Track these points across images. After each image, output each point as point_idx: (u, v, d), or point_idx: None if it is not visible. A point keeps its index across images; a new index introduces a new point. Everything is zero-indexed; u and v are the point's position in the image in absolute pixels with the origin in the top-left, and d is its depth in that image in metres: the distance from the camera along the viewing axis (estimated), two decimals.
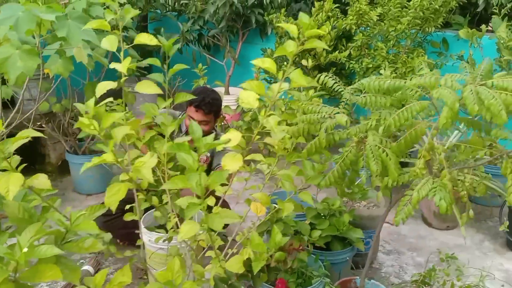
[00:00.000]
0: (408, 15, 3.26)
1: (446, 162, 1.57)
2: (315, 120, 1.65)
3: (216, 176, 1.26)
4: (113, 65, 1.61)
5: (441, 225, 3.14)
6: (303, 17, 1.41)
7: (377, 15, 3.48)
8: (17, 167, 1.36)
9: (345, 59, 3.69)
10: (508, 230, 2.51)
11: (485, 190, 1.65)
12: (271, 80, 4.10)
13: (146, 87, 1.68)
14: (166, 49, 1.72)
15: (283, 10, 4.06)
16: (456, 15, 3.82)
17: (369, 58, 3.55)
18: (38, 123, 3.40)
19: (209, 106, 2.63)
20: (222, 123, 3.87)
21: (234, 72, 4.69)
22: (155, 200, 1.73)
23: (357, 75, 3.67)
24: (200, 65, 3.63)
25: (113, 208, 1.34)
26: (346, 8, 3.77)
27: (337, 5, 3.88)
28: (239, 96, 1.52)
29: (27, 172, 1.39)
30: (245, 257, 1.47)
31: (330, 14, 3.87)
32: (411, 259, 2.82)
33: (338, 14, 3.81)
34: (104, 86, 1.61)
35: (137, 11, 1.70)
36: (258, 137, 1.54)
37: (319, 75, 1.88)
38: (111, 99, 1.67)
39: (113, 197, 1.35)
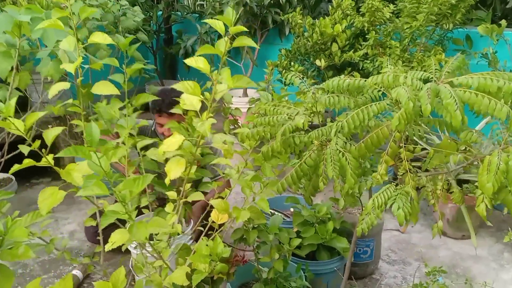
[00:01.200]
0: (423, 10, 3.06)
1: (412, 167, 1.43)
2: (274, 122, 1.55)
3: None
4: (63, 66, 1.58)
5: (456, 234, 2.92)
6: (227, 13, 1.31)
7: (390, 12, 3.29)
8: None
9: (358, 58, 3.52)
10: None
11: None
12: (284, 82, 3.99)
13: (103, 88, 1.63)
14: (122, 48, 1.67)
15: (298, 9, 3.94)
16: (480, 10, 3.56)
17: (383, 57, 3.36)
18: (50, 126, 3.48)
19: (171, 107, 2.54)
20: (234, 126, 3.81)
21: (252, 74, 4.61)
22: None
23: (372, 75, 3.49)
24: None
25: (44, 213, 1.30)
26: (360, 5, 3.61)
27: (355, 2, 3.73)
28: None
29: (42, 174, 1.39)
30: (186, 269, 1.39)
31: (348, 12, 3.71)
32: (416, 270, 2.63)
33: (353, 12, 3.64)
34: (56, 88, 1.59)
35: (93, 10, 1.66)
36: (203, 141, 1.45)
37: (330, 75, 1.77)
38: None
39: (45, 201, 1.30)
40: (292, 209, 2.71)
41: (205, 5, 4.44)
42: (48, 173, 4.00)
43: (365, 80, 1.40)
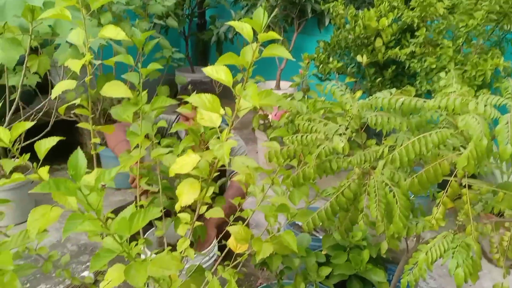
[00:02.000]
0: (482, 8, 2.72)
1: (475, 212, 1.17)
2: (308, 142, 1.30)
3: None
4: (68, 63, 1.37)
5: (505, 262, 2.61)
6: (257, 15, 1.06)
7: (445, 8, 2.96)
8: None
9: (405, 56, 3.20)
10: None
11: None
12: (321, 77, 3.72)
13: (114, 89, 1.42)
14: (138, 45, 1.45)
15: None
16: None
17: (433, 57, 3.04)
18: (73, 112, 3.33)
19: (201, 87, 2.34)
20: (264, 121, 3.57)
21: (286, 66, 4.34)
22: None
23: (419, 77, 3.18)
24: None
25: (33, 236, 1.11)
26: None
27: None
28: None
29: (65, 160, 1.24)
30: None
31: (395, 4, 3.38)
32: None
33: (401, 4, 3.31)
34: (59, 87, 1.39)
35: None
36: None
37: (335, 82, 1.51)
38: None
39: (35, 223, 1.11)
40: None
41: None
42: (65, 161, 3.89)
43: (424, 101, 1.13)
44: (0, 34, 1.80)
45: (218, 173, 1.33)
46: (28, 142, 2.77)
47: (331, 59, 3.52)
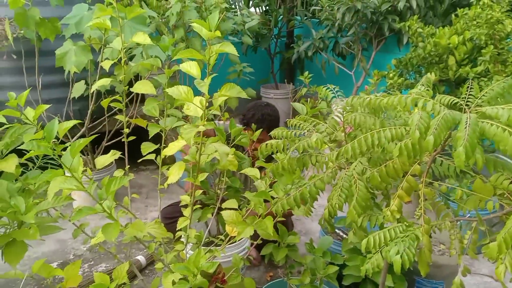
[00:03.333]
0: None
1: (441, 208, 1.20)
2: (293, 137, 1.43)
3: None
4: (102, 63, 1.66)
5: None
6: (211, 18, 1.21)
7: None
8: None
9: (473, 75, 3.10)
10: None
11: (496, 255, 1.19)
12: (390, 94, 3.70)
13: (142, 86, 1.68)
14: (163, 49, 1.69)
15: (415, 16, 3.62)
16: None
17: (503, 76, 2.91)
18: (156, 118, 3.74)
19: (259, 122, 2.42)
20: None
21: (363, 83, 4.38)
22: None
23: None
24: (306, 73, 3.48)
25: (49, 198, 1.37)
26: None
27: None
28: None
29: (150, 161, 1.59)
30: (175, 277, 1.35)
31: (475, 22, 3.29)
32: None
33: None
34: (97, 83, 1.68)
35: (140, 11, 1.71)
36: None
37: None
38: None
39: (54, 188, 1.38)
40: None
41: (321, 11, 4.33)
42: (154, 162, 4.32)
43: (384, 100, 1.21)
44: (75, 44, 2.18)
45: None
46: (110, 142, 3.20)
47: (397, 77, 3.51)
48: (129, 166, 1.83)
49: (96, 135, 2.69)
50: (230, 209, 1.66)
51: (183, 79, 3.77)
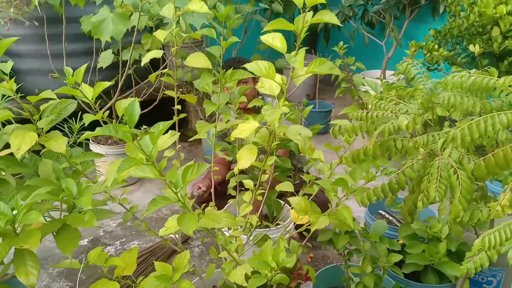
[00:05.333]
0: None
1: None
2: (374, 119, 1.28)
3: None
4: (156, 33, 1.50)
5: None
6: None
7: None
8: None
9: None
10: None
11: None
12: (428, 66, 3.53)
13: (195, 60, 1.53)
14: (220, 18, 1.53)
15: None
16: None
17: None
18: (180, 90, 3.59)
19: (241, 64, 2.41)
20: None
21: (395, 54, 4.19)
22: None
23: None
24: (341, 43, 3.29)
25: (109, 184, 1.25)
26: None
27: None
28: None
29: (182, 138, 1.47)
30: (247, 269, 1.24)
31: None
32: None
33: None
34: (148, 56, 1.53)
35: None
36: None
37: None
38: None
39: (112, 172, 1.25)
40: None
41: None
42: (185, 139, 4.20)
43: (497, 80, 1.06)
44: (112, 11, 2.01)
45: None
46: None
47: (437, 47, 3.33)
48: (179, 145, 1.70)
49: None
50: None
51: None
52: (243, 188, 1.86)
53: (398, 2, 4.03)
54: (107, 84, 1.25)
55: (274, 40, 1.11)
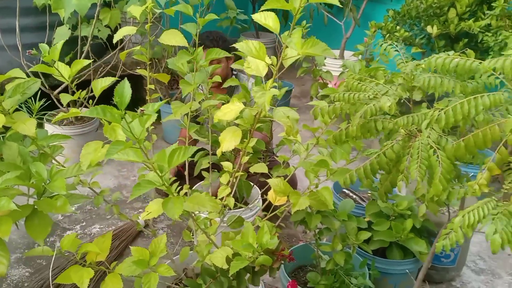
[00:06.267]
0: None
1: None
2: (355, 100, 1.29)
3: None
4: (129, 9, 1.43)
5: None
6: None
7: None
8: None
9: (478, 29, 3.02)
10: None
11: None
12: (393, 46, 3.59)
13: (171, 37, 1.47)
14: None
15: None
16: None
17: (510, 31, 2.85)
18: (138, 67, 3.47)
19: (214, 42, 2.38)
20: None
21: (353, 35, 4.23)
22: None
23: (492, 52, 2.99)
24: (303, 22, 3.28)
25: (84, 167, 1.19)
26: None
27: None
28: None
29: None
30: (228, 252, 1.23)
31: None
32: (507, 286, 2.27)
33: None
34: (121, 32, 1.46)
35: None
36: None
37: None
38: None
39: (87, 156, 1.19)
40: (370, 193, 2.45)
41: None
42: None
43: (480, 63, 1.08)
44: None
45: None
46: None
47: (398, 28, 3.39)
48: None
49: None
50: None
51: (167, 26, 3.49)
52: (215, 170, 1.84)
53: None
54: (86, 62, 1.18)
55: (267, 19, 1.08)
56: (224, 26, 3.33)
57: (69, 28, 2.67)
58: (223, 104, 1.44)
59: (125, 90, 0.86)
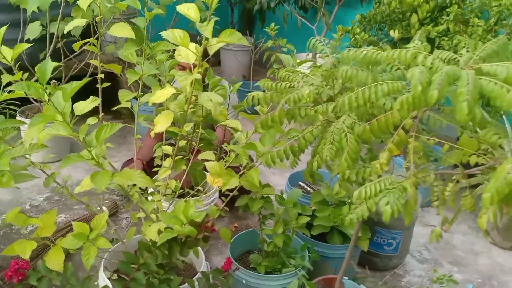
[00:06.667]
0: None
1: (421, 161, 1.24)
2: (282, 90, 1.41)
3: None
4: (79, 2, 1.55)
5: (505, 244, 2.61)
6: None
7: None
8: None
9: (435, 34, 3.17)
10: None
11: (473, 205, 1.26)
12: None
13: (119, 30, 1.58)
14: None
15: None
16: None
17: (464, 35, 3.00)
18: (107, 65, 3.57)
19: None
20: None
21: (326, 37, 4.37)
22: None
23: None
24: (272, 24, 3.42)
25: (27, 145, 1.30)
26: None
27: None
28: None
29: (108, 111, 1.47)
30: (160, 226, 1.34)
31: None
32: (447, 273, 2.40)
33: None
34: (72, 24, 1.57)
35: None
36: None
37: None
38: None
39: (30, 135, 1.29)
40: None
41: None
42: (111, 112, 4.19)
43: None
44: None
45: None
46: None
47: (363, 33, 3.53)
48: (103, 114, 1.76)
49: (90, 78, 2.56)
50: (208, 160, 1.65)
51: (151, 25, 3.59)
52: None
53: None
54: (26, 45, 1.29)
55: (189, 10, 1.20)
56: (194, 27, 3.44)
57: (41, 25, 2.77)
58: None
59: (47, 66, 0.98)
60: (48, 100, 0.99)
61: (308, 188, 2.56)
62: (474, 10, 2.96)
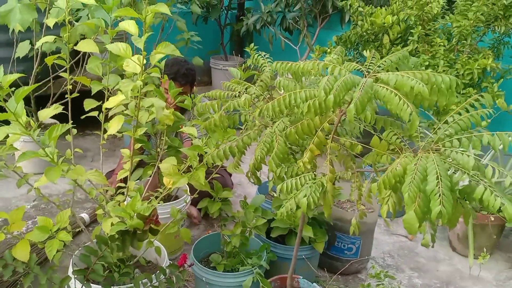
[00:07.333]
0: (471, 9, 2.84)
1: (338, 160, 1.40)
2: (224, 98, 1.59)
3: None
4: (46, 21, 1.74)
5: (465, 251, 2.73)
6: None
7: (442, 7, 3.09)
8: None
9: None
10: None
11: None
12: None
13: (86, 45, 1.77)
14: (107, 10, 1.78)
15: None
16: None
17: (428, 55, 3.18)
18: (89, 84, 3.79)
19: (184, 77, 2.64)
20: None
21: (308, 58, 4.57)
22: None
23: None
24: (251, 45, 3.61)
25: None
26: None
27: None
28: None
29: (96, 127, 1.76)
30: (113, 220, 1.50)
31: (409, 3, 3.53)
32: (406, 279, 2.52)
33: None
34: (42, 40, 1.76)
35: None
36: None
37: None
38: None
39: None
40: None
41: None
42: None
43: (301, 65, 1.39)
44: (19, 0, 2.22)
45: None
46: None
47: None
48: (74, 126, 1.93)
49: (39, 83, 2.75)
50: None
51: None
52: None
53: (310, 11, 4.43)
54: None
55: (130, 26, 1.38)
56: (179, 46, 3.66)
57: (30, 43, 2.98)
58: None
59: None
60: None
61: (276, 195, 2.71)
62: (437, 31, 3.14)
